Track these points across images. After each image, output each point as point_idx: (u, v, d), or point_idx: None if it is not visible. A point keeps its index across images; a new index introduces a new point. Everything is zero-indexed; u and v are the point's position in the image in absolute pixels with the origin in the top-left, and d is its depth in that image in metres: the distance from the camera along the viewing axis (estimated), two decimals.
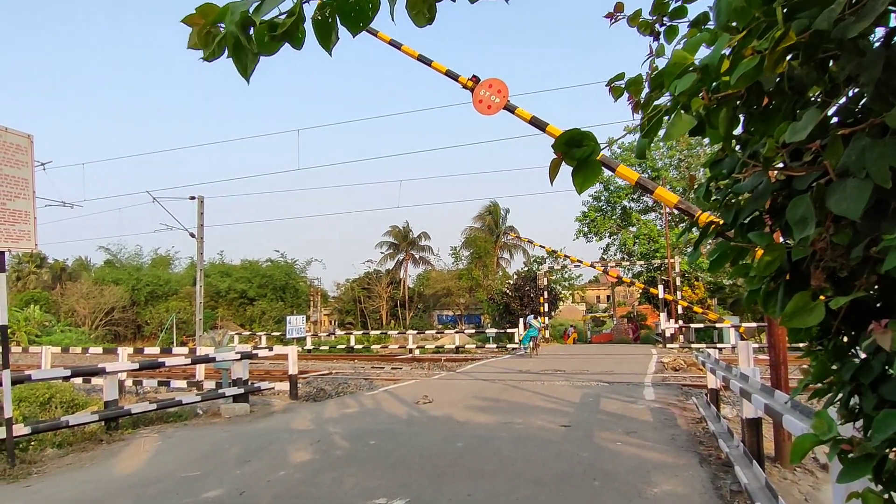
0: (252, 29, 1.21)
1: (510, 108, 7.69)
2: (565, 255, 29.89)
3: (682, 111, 1.10)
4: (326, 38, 1.24)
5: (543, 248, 32.45)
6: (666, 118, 1.13)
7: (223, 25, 1.23)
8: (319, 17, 1.22)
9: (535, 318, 22.51)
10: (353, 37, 1.26)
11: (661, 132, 1.17)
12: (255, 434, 7.49)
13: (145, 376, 13.77)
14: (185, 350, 16.33)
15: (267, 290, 41.30)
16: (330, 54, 1.27)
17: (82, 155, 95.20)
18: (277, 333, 31.15)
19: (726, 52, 0.99)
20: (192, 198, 21.61)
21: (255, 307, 40.39)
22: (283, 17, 1.21)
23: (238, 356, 9.81)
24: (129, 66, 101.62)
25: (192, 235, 21.69)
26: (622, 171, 7.05)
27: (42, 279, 45.84)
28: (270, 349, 12.96)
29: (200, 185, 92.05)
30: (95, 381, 12.93)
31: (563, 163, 1.11)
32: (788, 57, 0.97)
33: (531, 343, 21.00)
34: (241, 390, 9.48)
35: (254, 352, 11.09)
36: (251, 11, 1.17)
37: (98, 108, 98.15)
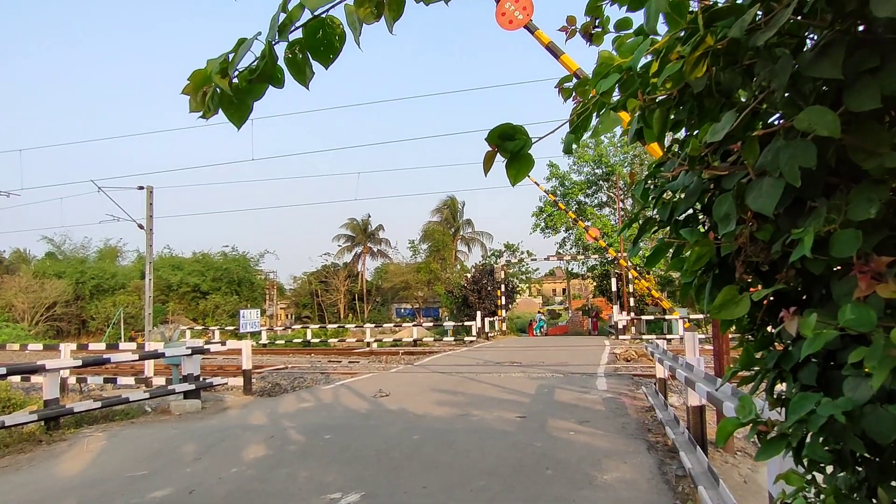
0: (235, 78, 1.28)
1: (531, 29, 7.64)
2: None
3: (612, 109, 1.16)
4: (301, 74, 1.31)
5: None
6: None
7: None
8: (291, 56, 1.29)
9: (542, 315, 34.79)
10: (326, 68, 1.33)
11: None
12: (206, 431, 7.32)
13: (90, 373, 13.24)
14: (133, 346, 15.76)
15: (222, 283, 40.23)
16: (307, 88, 1.33)
17: (19, 141, 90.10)
18: (232, 328, 30.43)
19: (654, 56, 1.05)
20: (141, 187, 20.84)
21: (209, 301, 39.27)
22: (256, 62, 1.27)
23: (189, 351, 9.56)
24: (70, 48, 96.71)
25: (141, 227, 20.93)
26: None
27: None
28: (223, 344, 12.66)
29: (149, 175, 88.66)
30: (35, 379, 12.35)
31: (499, 155, 1.16)
32: (714, 62, 1.03)
33: (541, 330, 32.23)
34: (193, 386, 9.23)
35: (205, 347, 10.82)
36: (229, 61, 1.25)
37: (36, 92, 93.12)
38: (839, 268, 1.04)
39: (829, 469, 1.21)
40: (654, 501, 4.44)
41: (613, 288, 28.04)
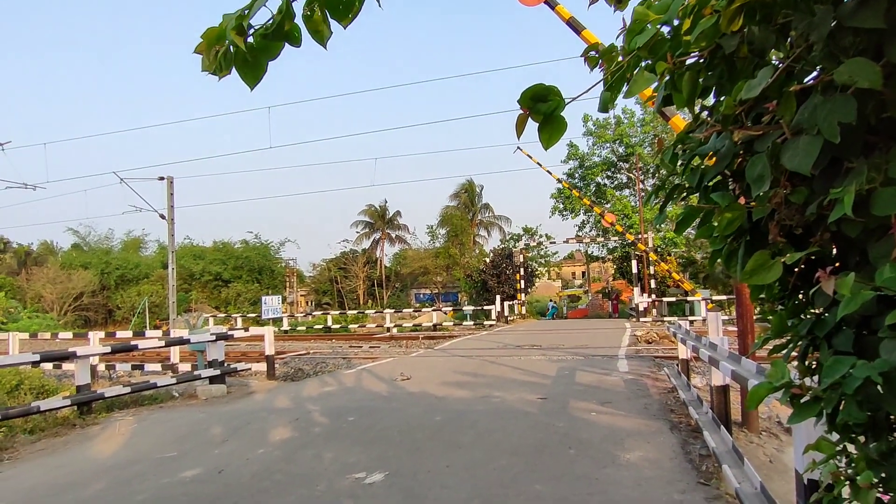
0: (251, 36, 1.25)
1: (551, 4, 7.52)
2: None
3: (645, 70, 1.13)
4: (318, 33, 1.27)
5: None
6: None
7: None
8: (309, 13, 1.25)
9: (553, 302, 35.12)
10: (345, 28, 1.29)
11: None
12: (232, 414, 7.47)
13: (118, 360, 13.56)
14: (158, 333, 16.11)
15: (243, 271, 40.84)
16: (325, 48, 1.29)
17: (44, 134, 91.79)
18: (253, 315, 30.89)
19: (685, 14, 1.02)
20: (162, 178, 21.11)
21: (231, 289, 39.93)
22: (272, 18, 1.24)
23: (213, 337, 9.72)
24: (91, 41, 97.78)
25: (163, 217, 21.24)
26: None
27: (6, 264, 44.54)
28: (246, 330, 12.85)
29: (169, 166, 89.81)
30: (66, 366, 12.69)
31: (530, 118, 1.13)
32: (749, 19, 1.00)
33: (554, 316, 32.86)
34: (218, 372, 9.41)
35: (229, 333, 10.99)
36: (245, 14, 1.21)
37: (59, 85, 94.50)
38: (875, 230, 1.01)
39: (862, 438, 1.20)
40: (678, 480, 4.43)
41: (634, 270, 27.78)
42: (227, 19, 1.21)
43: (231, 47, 1.25)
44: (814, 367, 1.27)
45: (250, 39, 1.25)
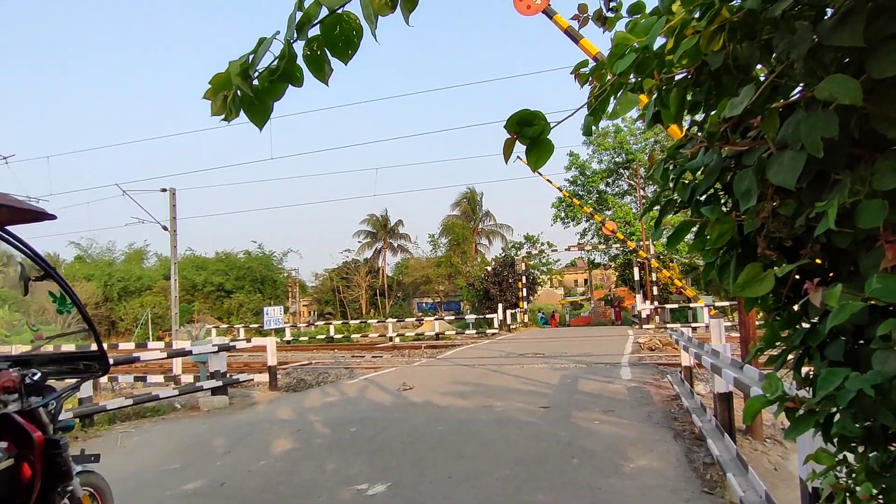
0: (255, 79, 1.29)
1: (549, 13, 7.57)
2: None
3: (629, 91, 1.15)
4: (320, 71, 1.31)
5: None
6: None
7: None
8: (309, 53, 1.28)
9: (542, 313, 34.90)
10: (345, 64, 1.32)
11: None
12: (234, 425, 7.46)
13: (121, 372, 13.57)
14: (161, 345, 16.12)
15: (245, 282, 40.88)
16: (326, 84, 1.33)
17: (47, 147, 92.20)
18: (256, 325, 30.89)
19: (669, 35, 1.04)
20: (164, 190, 21.21)
21: (233, 300, 39.95)
22: (276, 62, 1.28)
23: (215, 348, 9.72)
24: (94, 54, 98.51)
25: (165, 228, 21.31)
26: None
27: (9, 278, 44.63)
28: (248, 341, 12.85)
29: (171, 177, 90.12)
30: (68, 378, 12.69)
31: (518, 142, 1.15)
32: (731, 36, 1.02)
33: (549, 323, 33.65)
34: (220, 383, 9.40)
35: (231, 344, 10.99)
36: (249, 62, 1.26)
37: (62, 98, 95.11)
38: (864, 241, 1.02)
39: (861, 449, 1.19)
40: (682, 489, 4.40)
41: (636, 277, 27.75)
42: (233, 66, 1.25)
43: (238, 91, 1.28)
44: (811, 376, 1.27)
45: (255, 82, 1.28)
